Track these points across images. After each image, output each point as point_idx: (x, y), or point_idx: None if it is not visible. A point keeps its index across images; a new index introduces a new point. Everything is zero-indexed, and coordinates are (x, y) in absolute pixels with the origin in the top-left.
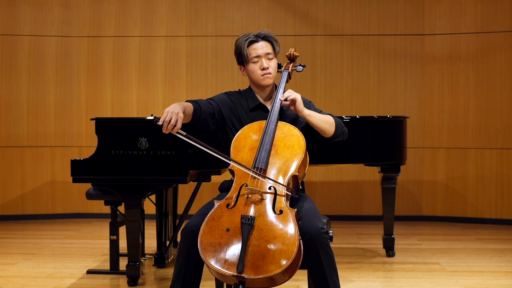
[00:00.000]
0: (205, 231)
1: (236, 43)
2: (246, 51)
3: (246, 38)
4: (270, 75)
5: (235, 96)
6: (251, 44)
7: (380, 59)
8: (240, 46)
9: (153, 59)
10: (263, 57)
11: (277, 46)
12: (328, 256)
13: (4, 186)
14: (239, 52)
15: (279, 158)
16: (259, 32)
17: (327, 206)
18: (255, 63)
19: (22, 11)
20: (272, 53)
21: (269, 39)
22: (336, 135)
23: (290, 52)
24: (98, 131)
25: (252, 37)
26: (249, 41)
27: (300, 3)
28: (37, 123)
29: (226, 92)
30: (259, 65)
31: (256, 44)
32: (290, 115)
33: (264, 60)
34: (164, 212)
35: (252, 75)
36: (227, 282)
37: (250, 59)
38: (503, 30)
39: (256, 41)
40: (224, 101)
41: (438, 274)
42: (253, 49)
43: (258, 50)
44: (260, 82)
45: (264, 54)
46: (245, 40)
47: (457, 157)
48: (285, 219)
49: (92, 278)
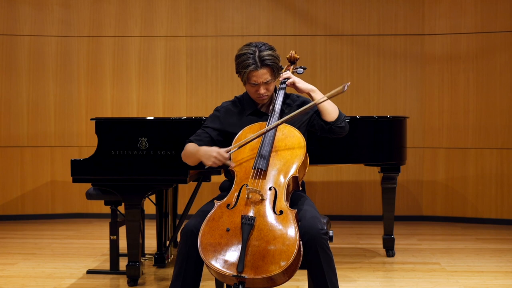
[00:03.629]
0: (205, 231)
1: (237, 59)
2: (245, 75)
3: (247, 63)
4: (266, 97)
5: (226, 107)
6: (251, 71)
7: (380, 59)
8: (239, 64)
9: (153, 59)
10: (261, 85)
11: (277, 70)
12: (327, 257)
13: (4, 186)
14: (238, 69)
15: (280, 159)
16: (260, 55)
17: (327, 206)
18: (252, 86)
19: (22, 11)
20: (271, 79)
21: (270, 65)
22: (340, 120)
23: (290, 54)
24: (98, 131)
25: (252, 63)
26: (249, 69)
27: (300, 3)
28: (37, 123)
29: (216, 108)
30: (255, 89)
31: (256, 73)
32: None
33: (262, 87)
34: (164, 212)
35: (248, 92)
36: (227, 282)
37: (247, 82)
38: (503, 30)
39: (256, 69)
40: (215, 119)
41: (438, 274)
42: (252, 75)
43: (257, 79)
44: (255, 100)
45: (263, 82)
46: (246, 66)
47: (457, 157)
48: (285, 219)
49: (92, 278)
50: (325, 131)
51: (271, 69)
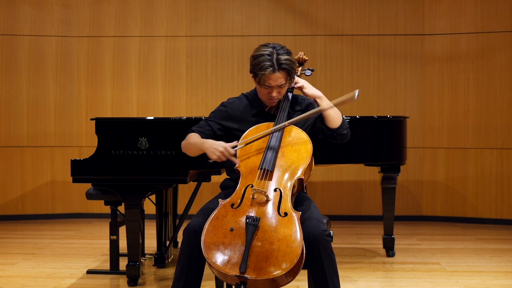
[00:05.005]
0: (209, 230)
1: (254, 59)
2: (261, 77)
3: (265, 65)
4: (276, 100)
5: (233, 103)
6: (269, 74)
7: (380, 59)
8: (257, 65)
9: (153, 59)
10: (275, 88)
11: (292, 75)
12: (330, 258)
13: (4, 186)
14: (254, 70)
15: (286, 160)
16: (279, 58)
17: (327, 206)
18: (265, 88)
19: (22, 11)
20: (284, 83)
21: (287, 70)
22: (342, 128)
23: (299, 56)
24: (98, 131)
25: (270, 66)
26: (267, 72)
27: (300, 3)
28: (37, 123)
29: (222, 103)
30: (267, 92)
31: (273, 75)
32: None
33: (275, 90)
34: (164, 212)
35: (259, 93)
36: (229, 282)
37: (261, 83)
38: (503, 30)
39: (274, 72)
40: (220, 114)
41: (438, 274)
42: (268, 78)
43: (272, 82)
44: (264, 102)
45: (277, 85)
46: (263, 68)
47: (457, 157)
48: (289, 221)
49: (92, 278)
50: (326, 136)
51: (287, 73)
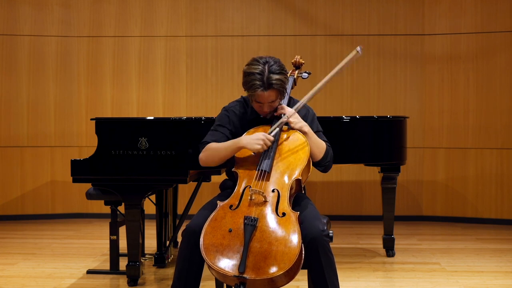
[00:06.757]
0: (208, 232)
1: (245, 76)
2: (252, 94)
3: (255, 84)
4: (269, 114)
5: (234, 108)
6: (258, 93)
7: (380, 59)
8: (247, 83)
9: (153, 59)
10: (266, 104)
11: (283, 92)
12: (328, 259)
13: (4, 186)
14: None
15: (284, 162)
16: (269, 77)
17: (327, 206)
18: (257, 103)
19: (22, 11)
20: (275, 99)
21: (278, 88)
22: (320, 163)
23: (296, 59)
24: (98, 131)
25: (260, 86)
26: (257, 92)
27: (300, 3)
28: (37, 123)
29: (224, 107)
30: (259, 106)
31: (263, 93)
32: None
33: (266, 105)
34: (164, 212)
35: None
36: (228, 282)
37: (252, 100)
38: (503, 30)
39: (263, 91)
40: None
41: (438, 274)
42: (258, 96)
43: (263, 99)
44: (258, 112)
45: (268, 102)
46: (253, 87)
47: (457, 157)
48: (288, 221)
49: (92, 278)
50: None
51: (278, 92)
